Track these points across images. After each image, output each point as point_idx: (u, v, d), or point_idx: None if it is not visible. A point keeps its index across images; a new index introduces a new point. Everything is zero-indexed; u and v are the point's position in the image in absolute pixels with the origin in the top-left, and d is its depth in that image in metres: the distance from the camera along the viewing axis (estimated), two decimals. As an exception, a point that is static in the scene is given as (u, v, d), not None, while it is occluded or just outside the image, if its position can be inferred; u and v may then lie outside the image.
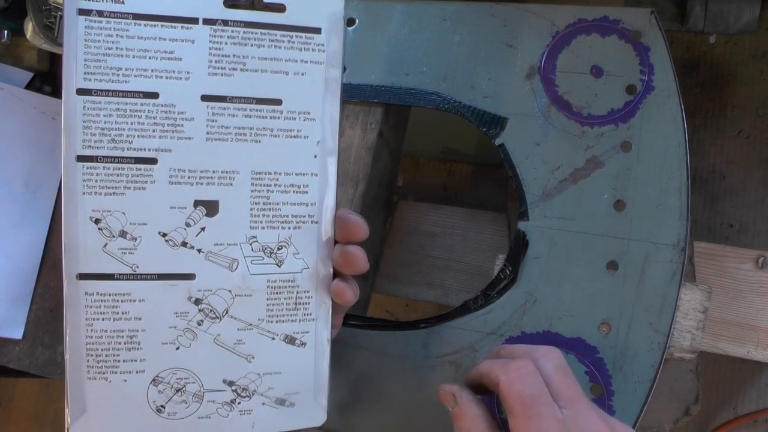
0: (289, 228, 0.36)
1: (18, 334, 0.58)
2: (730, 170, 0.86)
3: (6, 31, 0.58)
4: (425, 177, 0.97)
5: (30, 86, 0.61)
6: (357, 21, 0.55)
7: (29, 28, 0.56)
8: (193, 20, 0.34)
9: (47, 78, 0.62)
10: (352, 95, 0.54)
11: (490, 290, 0.50)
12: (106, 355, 0.35)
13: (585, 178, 0.49)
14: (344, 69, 0.37)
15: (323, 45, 0.36)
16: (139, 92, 0.34)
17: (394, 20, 0.54)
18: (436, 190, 0.96)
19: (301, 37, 0.35)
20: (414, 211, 0.71)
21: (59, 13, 0.55)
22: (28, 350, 0.58)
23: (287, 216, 0.36)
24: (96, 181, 0.34)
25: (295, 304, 0.37)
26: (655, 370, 0.46)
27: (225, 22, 0.34)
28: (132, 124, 0.34)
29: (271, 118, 0.35)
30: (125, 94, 0.34)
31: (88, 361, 0.34)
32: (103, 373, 0.35)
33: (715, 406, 0.85)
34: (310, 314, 0.38)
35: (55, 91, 0.61)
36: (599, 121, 0.49)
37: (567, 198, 0.49)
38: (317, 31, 0.36)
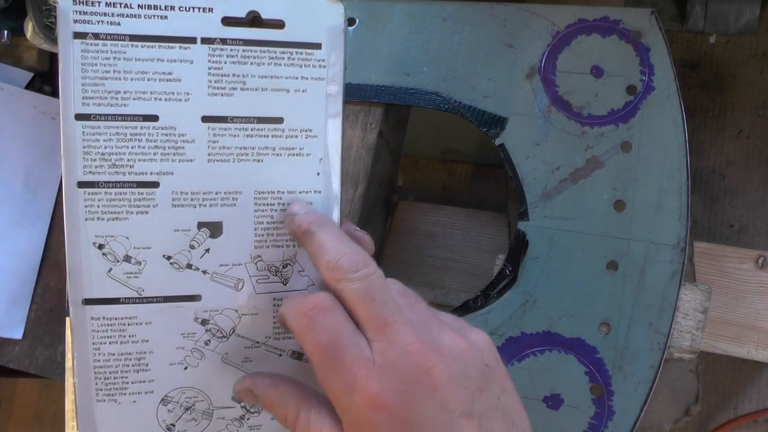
0: (294, 246, 0.36)
1: (18, 334, 0.58)
2: (730, 170, 0.86)
3: (6, 31, 0.58)
4: (425, 177, 0.97)
5: (30, 86, 0.61)
6: (357, 21, 0.55)
7: (29, 28, 0.56)
8: (191, 40, 0.33)
9: (47, 78, 0.62)
10: (352, 95, 0.54)
11: (490, 290, 0.50)
12: (114, 378, 0.35)
13: (585, 178, 0.49)
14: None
15: (324, 60, 0.35)
16: (138, 115, 0.33)
17: (394, 20, 0.54)
18: (436, 190, 0.96)
19: (301, 53, 0.35)
20: (414, 211, 0.71)
21: (59, 13, 0.55)
22: (28, 350, 0.58)
23: None
24: (98, 206, 0.33)
25: None
26: (655, 370, 0.46)
27: (224, 41, 0.34)
28: (133, 148, 0.33)
29: (272, 137, 0.35)
30: (125, 117, 0.33)
31: (96, 384, 0.34)
32: (112, 395, 0.35)
33: (715, 406, 0.85)
34: None
35: (55, 92, 0.61)
36: (599, 121, 0.49)
37: (567, 198, 0.49)
38: (317, 46, 0.35)
